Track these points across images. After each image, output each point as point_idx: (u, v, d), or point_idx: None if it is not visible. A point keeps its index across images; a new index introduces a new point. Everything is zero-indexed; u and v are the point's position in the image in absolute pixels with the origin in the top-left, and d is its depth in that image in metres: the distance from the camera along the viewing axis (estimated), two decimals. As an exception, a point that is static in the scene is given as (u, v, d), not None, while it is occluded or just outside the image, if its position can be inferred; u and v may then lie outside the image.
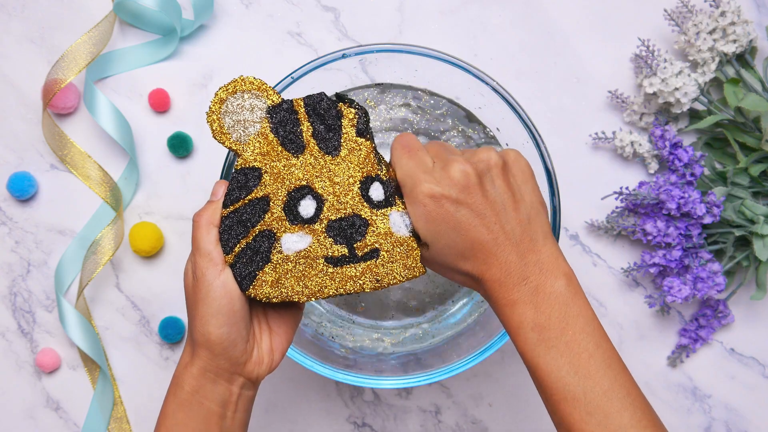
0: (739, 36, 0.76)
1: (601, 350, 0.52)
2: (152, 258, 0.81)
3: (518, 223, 0.53)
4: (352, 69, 0.71)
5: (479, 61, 0.80)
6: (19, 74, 0.81)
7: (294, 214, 0.55)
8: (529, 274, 0.53)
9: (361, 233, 0.55)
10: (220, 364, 0.54)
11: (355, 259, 0.55)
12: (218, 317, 0.54)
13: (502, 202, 0.53)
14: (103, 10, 0.81)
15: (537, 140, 0.67)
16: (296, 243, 0.55)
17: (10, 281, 0.81)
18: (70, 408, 0.81)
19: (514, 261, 0.53)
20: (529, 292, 0.52)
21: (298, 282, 0.55)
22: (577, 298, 0.53)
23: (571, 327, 0.52)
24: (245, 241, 0.55)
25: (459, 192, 0.53)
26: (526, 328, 0.52)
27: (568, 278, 0.53)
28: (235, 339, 0.54)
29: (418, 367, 0.69)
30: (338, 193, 0.55)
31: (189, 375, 0.55)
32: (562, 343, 0.51)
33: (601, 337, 0.52)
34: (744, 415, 0.80)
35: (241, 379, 0.56)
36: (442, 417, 0.80)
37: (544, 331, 0.52)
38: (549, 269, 0.53)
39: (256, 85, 0.57)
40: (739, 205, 0.76)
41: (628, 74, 0.81)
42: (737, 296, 0.80)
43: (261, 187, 0.55)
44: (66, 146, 0.80)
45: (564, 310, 0.52)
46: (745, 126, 0.77)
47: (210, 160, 0.80)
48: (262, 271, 0.55)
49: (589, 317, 0.52)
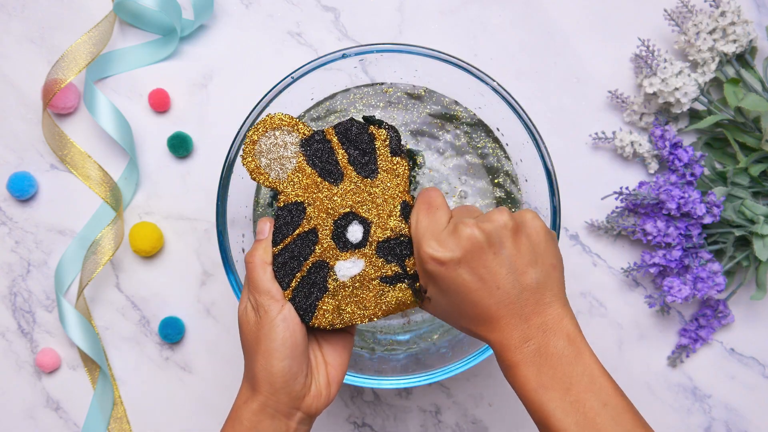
0: (739, 36, 0.76)
1: (609, 408, 0.51)
2: (152, 258, 0.81)
3: (525, 287, 0.53)
4: (352, 69, 0.71)
5: (479, 61, 0.80)
6: (19, 74, 0.81)
7: (343, 241, 0.57)
8: (531, 336, 0.52)
9: (410, 250, 0.56)
10: (280, 399, 0.55)
11: (408, 276, 0.56)
12: (282, 350, 0.55)
13: (509, 266, 0.53)
14: (103, 10, 0.81)
15: (537, 140, 0.67)
16: (350, 269, 0.57)
17: (10, 281, 0.81)
18: (70, 408, 0.81)
19: (516, 324, 0.53)
20: (531, 354, 0.52)
21: (358, 306, 0.57)
22: (582, 357, 0.52)
23: (575, 386, 0.51)
24: (300, 274, 0.56)
25: (463, 256, 0.53)
26: (529, 390, 0.52)
27: (571, 337, 0.53)
28: (296, 373, 0.55)
29: (418, 367, 0.69)
30: (382, 214, 0.57)
31: (248, 410, 0.56)
32: (566, 404, 0.51)
33: (609, 394, 0.51)
34: (744, 415, 0.80)
35: (299, 414, 0.57)
36: (442, 417, 0.80)
37: (548, 392, 0.51)
38: (552, 330, 0.53)
39: (286, 121, 0.58)
40: (739, 205, 0.76)
41: (628, 74, 0.81)
42: (737, 296, 0.80)
43: (307, 221, 0.57)
44: (66, 146, 0.80)
45: (567, 370, 0.52)
46: (745, 126, 0.77)
47: (210, 160, 0.80)
48: (322, 301, 0.56)
49: (595, 375, 0.52)
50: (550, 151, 0.71)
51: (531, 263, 0.54)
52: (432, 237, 0.54)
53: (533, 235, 0.54)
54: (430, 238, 0.54)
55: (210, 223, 0.80)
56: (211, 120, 0.81)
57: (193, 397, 0.80)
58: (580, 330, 0.53)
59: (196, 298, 0.81)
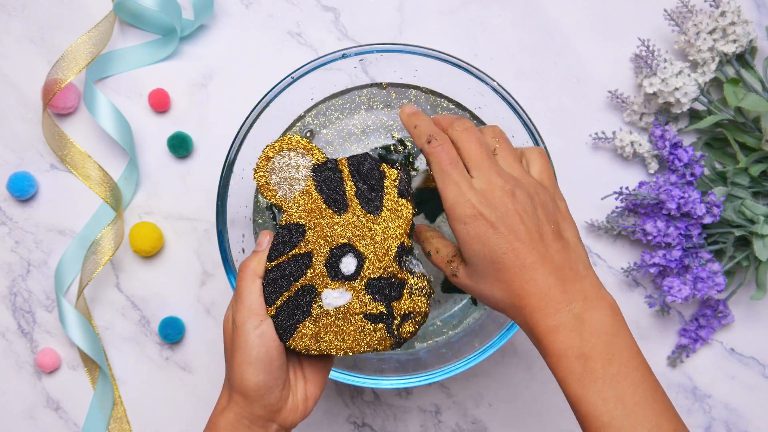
0: (739, 36, 0.76)
1: (646, 383, 0.50)
2: (152, 258, 0.81)
3: (558, 251, 0.52)
4: (352, 69, 0.71)
5: (479, 61, 0.80)
6: (19, 74, 0.81)
7: (335, 270, 0.57)
8: (572, 300, 0.51)
9: (398, 293, 0.57)
10: (255, 411, 0.55)
11: (392, 317, 0.57)
12: (256, 366, 0.55)
13: (543, 229, 0.53)
14: (103, 10, 0.81)
15: (537, 140, 0.67)
16: (337, 299, 0.57)
17: (10, 281, 0.81)
18: (70, 408, 0.81)
19: (554, 286, 0.51)
20: (572, 320, 0.51)
21: (336, 336, 0.57)
22: (623, 330, 0.51)
23: (617, 359, 0.50)
24: (287, 294, 0.57)
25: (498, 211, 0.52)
26: (570, 357, 0.50)
27: (614, 309, 0.52)
28: (271, 387, 0.55)
29: (418, 367, 0.69)
30: (378, 252, 0.57)
31: (225, 421, 0.56)
32: (608, 375, 0.49)
33: (646, 370, 0.51)
34: (744, 415, 0.80)
35: (275, 426, 0.57)
36: (442, 417, 0.80)
37: (590, 362, 0.50)
38: (593, 298, 0.51)
39: (303, 144, 0.59)
40: (739, 205, 0.76)
41: (628, 74, 0.81)
42: (737, 296, 0.80)
43: (304, 243, 0.57)
44: (66, 146, 0.80)
45: (610, 341, 0.50)
46: (745, 126, 0.77)
47: (210, 160, 0.80)
48: (303, 324, 0.57)
49: (634, 351, 0.51)
50: (550, 151, 0.71)
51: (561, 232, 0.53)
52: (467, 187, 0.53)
53: (561, 209, 0.55)
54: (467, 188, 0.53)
55: (210, 223, 0.80)
56: (211, 120, 0.81)
57: (193, 397, 0.81)
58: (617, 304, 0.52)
59: (196, 298, 0.81)
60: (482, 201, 0.52)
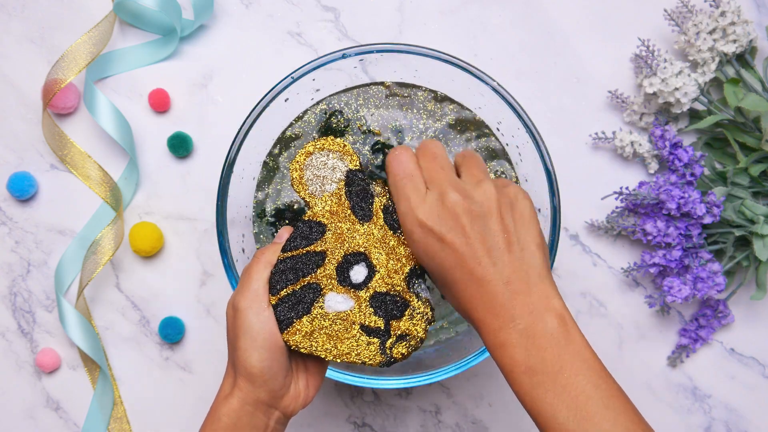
0: (739, 36, 0.76)
1: (600, 391, 0.49)
2: (152, 258, 0.81)
3: (508, 264, 0.52)
4: (352, 69, 0.71)
5: (479, 61, 0.80)
6: (19, 74, 0.81)
7: (345, 276, 0.57)
8: (517, 316, 0.51)
9: (400, 313, 0.57)
10: (260, 396, 0.56)
11: (388, 335, 0.57)
12: (261, 351, 0.55)
13: (495, 240, 0.52)
14: (103, 10, 0.81)
15: (537, 140, 0.67)
16: (339, 304, 0.57)
17: (10, 281, 0.81)
18: (70, 408, 0.81)
19: (501, 302, 0.51)
20: (518, 334, 0.50)
21: (329, 340, 0.57)
22: (572, 339, 0.50)
23: (566, 369, 0.49)
24: (292, 287, 0.57)
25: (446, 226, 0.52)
26: (518, 372, 0.50)
27: (561, 318, 0.51)
28: (276, 372, 0.56)
29: (418, 367, 0.69)
30: (391, 268, 0.57)
31: (228, 407, 0.56)
32: (558, 387, 0.49)
33: (599, 377, 0.50)
34: (744, 415, 0.80)
35: (277, 413, 0.57)
36: (442, 417, 0.80)
37: (537, 375, 0.49)
38: (539, 310, 0.51)
39: (343, 148, 0.60)
40: (739, 205, 0.76)
41: (628, 74, 0.81)
42: (737, 296, 0.80)
43: (321, 242, 0.58)
44: (66, 146, 0.80)
45: (557, 352, 0.50)
46: (745, 126, 0.77)
47: (210, 160, 0.80)
48: (300, 321, 0.57)
49: (585, 357, 0.50)
50: (550, 151, 0.71)
51: (515, 241, 0.53)
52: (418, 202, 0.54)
53: (518, 214, 0.54)
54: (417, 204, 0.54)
55: (210, 223, 0.80)
56: (211, 120, 0.81)
57: (193, 397, 0.80)
58: (568, 310, 0.52)
59: (196, 298, 0.81)
60: (431, 215, 0.53)
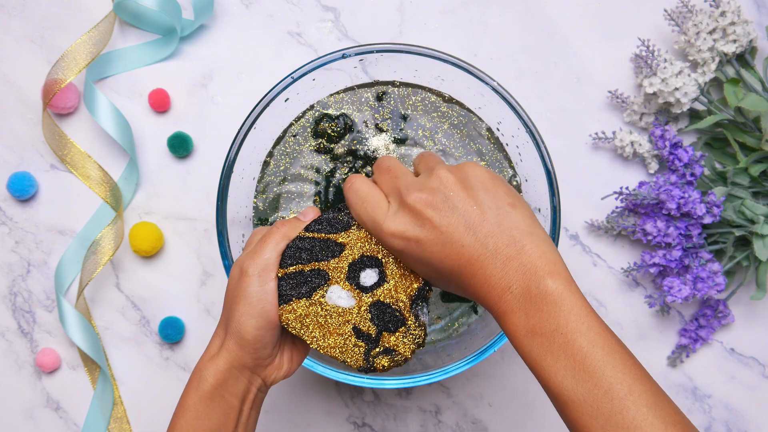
0: (739, 36, 0.76)
1: (597, 348, 0.48)
2: (152, 258, 0.81)
3: (489, 234, 0.51)
4: (352, 69, 0.71)
5: (479, 61, 0.80)
6: (19, 74, 0.81)
7: (355, 274, 0.58)
8: (511, 282, 0.51)
9: (395, 327, 0.57)
10: (246, 360, 0.56)
11: (376, 344, 0.57)
12: (258, 319, 0.56)
13: (466, 222, 0.52)
14: (103, 10, 0.81)
15: (537, 140, 0.67)
16: (341, 299, 0.57)
17: (10, 281, 0.81)
18: (70, 408, 0.81)
19: (493, 274, 0.51)
20: (515, 300, 0.50)
21: (320, 330, 0.57)
22: (568, 295, 0.50)
23: (563, 328, 0.49)
24: (302, 267, 0.58)
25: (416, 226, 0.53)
26: (520, 336, 0.50)
27: (555, 275, 0.50)
28: (267, 342, 0.57)
29: (418, 367, 0.69)
30: (399, 283, 0.57)
31: (214, 368, 0.56)
32: (556, 346, 0.49)
33: (597, 333, 0.49)
34: (744, 415, 0.80)
35: (259, 381, 0.58)
36: (442, 417, 0.80)
37: (537, 337, 0.49)
38: (532, 271, 0.50)
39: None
40: (739, 205, 0.76)
41: (628, 74, 0.81)
42: (737, 296, 0.80)
43: (345, 235, 0.58)
44: (66, 146, 0.80)
45: (554, 311, 0.49)
46: (745, 126, 0.77)
47: (210, 160, 0.80)
48: (298, 301, 0.57)
49: (582, 314, 0.49)
50: (550, 151, 0.71)
51: (486, 210, 0.52)
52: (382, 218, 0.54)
53: (478, 183, 0.53)
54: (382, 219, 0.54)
55: (210, 223, 0.80)
56: (211, 120, 0.81)
57: (193, 397, 0.80)
58: (563, 264, 0.51)
59: (196, 298, 0.81)
60: (397, 223, 0.53)
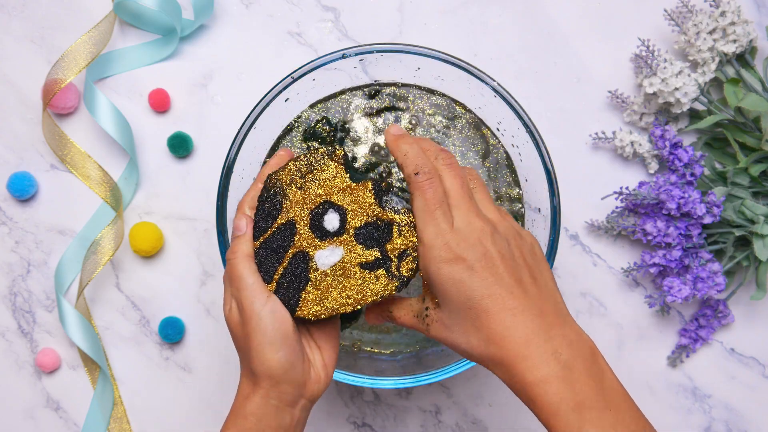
0: (739, 36, 0.76)
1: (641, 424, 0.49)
2: (152, 258, 0.81)
3: (537, 296, 0.51)
4: (352, 69, 0.71)
5: (479, 61, 0.80)
6: (19, 74, 0.81)
7: (321, 230, 0.57)
8: (558, 348, 0.49)
9: (389, 234, 0.56)
10: (283, 389, 0.55)
11: (389, 260, 0.56)
12: (274, 344, 0.54)
13: (521, 272, 0.51)
14: (103, 10, 0.81)
15: (537, 140, 0.67)
16: (329, 257, 0.56)
17: (10, 281, 0.81)
18: (70, 408, 0.81)
19: (537, 332, 0.49)
20: (561, 369, 0.48)
21: (341, 293, 0.56)
22: (609, 374, 0.50)
23: (612, 406, 0.48)
24: (282, 267, 0.57)
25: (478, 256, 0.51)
26: (566, 409, 0.48)
27: (595, 353, 0.50)
28: (293, 361, 0.55)
29: (418, 367, 0.69)
30: (357, 200, 0.56)
31: (252, 405, 0.55)
32: (606, 424, 0.47)
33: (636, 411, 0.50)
34: (744, 415, 0.80)
35: (302, 401, 0.56)
36: (442, 417, 0.80)
37: (585, 412, 0.47)
38: (577, 344, 0.50)
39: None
40: (739, 205, 0.76)
41: (628, 74, 0.81)
42: (737, 296, 0.80)
43: (284, 213, 0.57)
44: (66, 146, 0.80)
45: (599, 387, 0.48)
46: (745, 126, 0.77)
47: (210, 160, 0.80)
48: (305, 291, 0.56)
49: (622, 392, 0.50)
50: (550, 151, 0.71)
51: (538, 276, 0.52)
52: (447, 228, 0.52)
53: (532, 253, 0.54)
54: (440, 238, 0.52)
55: (210, 223, 0.80)
56: (211, 120, 0.81)
57: (193, 397, 0.80)
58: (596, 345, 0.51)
59: (196, 298, 0.81)
60: (460, 243, 0.51)
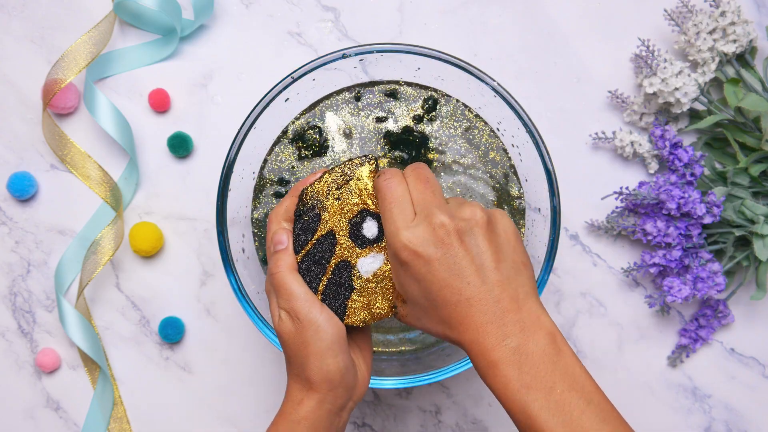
0: (739, 36, 0.76)
1: (593, 406, 0.50)
2: (152, 258, 0.81)
3: (497, 282, 0.52)
4: (352, 69, 0.71)
5: (479, 61, 0.80)
6: (19, 74, 0.81)
7: (360, 238, 0.58)
8: (509, 334, 0.51)
9: None
10: (338, 394, 0.56)
11: None
12: (333, 349, 0.56)
13: (480, 262, 0.52)
14: (103, 10, 0.81)
15: (537, 140, 0.67)
16: (371, 264, 0.58)
17: (10, 281, 0.81)
18: (70, 408, 0.81)
19: (491, 321, 0.51)
20: (510, 352, 0.51)
21: (385, 298, 0.58)
22: (563, 355, 0.51)
23: (559, 385, 0.50)
24: (326, 277, 0.58)
25: (432, 246, 0.52)
26: (512, 390, 0.50)
27: (551, 335, 0.51)
28: (349, 365, 0.57)
29: (418, 367, 0.69)
30: None
31: (306, 409, 0.56)
32: (551, 403, 0.49)
33: (592, 392, 0.50)
34: (744, 415, 0.80)
35: (351, 404, 0.58)
36: (442, 417, 0.80)
37: (531, 392, 0.50)
38: (530, 327, 0.51)
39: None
40: (739, 205, 0.76)
41: (628, 74, 0.81)
42: (737, 296, 0.80)
43: (323, 225, 0.59)
44: (66, 146, 0.80)
45: (550, 369, 0.50)
46: (745, 126, 0.77)
47: (210, 160, 0.80)
48: (351, 300, 0.58)
49: (576, 374, 0.51)
50: (550, 151, 0.71)
51: (502, 259, 0.53)
52: (404, 226, 0.54)
53: (502, 233, 0.54)
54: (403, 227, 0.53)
55: (210, 223, 0.80)
56: (211, 120, 0.81)
57: (193, 397, 0.80)
58: (557, 327, 0.52)
59: (196, 298, 0.81)
60: (417, 239, 0.53)
